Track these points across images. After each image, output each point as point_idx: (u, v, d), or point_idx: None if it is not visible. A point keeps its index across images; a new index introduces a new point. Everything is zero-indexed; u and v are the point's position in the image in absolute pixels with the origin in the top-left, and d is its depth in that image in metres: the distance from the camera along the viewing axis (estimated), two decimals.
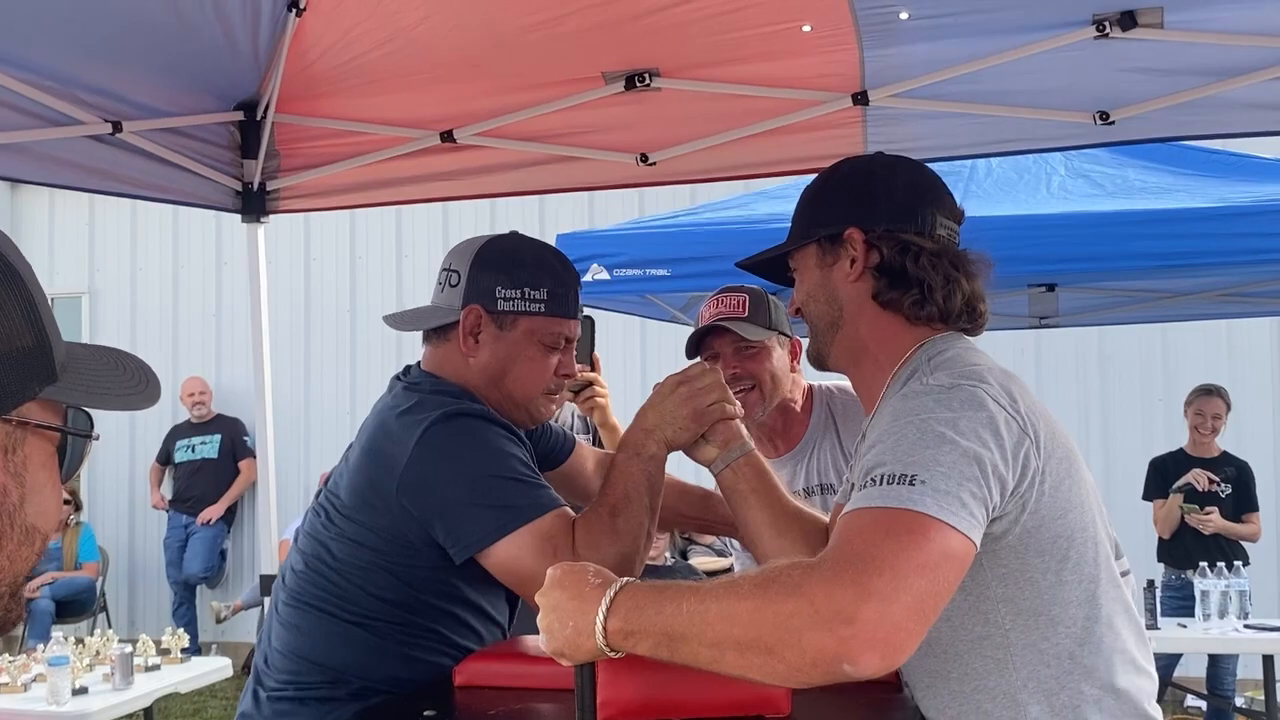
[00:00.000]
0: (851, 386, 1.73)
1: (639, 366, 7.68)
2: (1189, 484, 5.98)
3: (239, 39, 2.94)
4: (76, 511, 8.20)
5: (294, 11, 2.85)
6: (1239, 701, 6.13)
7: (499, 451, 1.80)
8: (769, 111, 3.23)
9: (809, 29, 2.86)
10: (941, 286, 1.58)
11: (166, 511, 8.64)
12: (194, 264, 9.12)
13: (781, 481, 1.84)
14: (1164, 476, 6.12)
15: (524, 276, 1.90)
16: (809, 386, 2.85)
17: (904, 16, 2.77)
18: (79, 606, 8.04)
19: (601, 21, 2.84)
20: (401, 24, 2.88)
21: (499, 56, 3.07)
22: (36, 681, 4.78)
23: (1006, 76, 2.98)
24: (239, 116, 3.39)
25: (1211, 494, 5.98)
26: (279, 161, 3.54)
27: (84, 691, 4.67)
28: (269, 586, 3.54)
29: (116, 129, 3.06)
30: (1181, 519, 5.97)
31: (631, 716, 1.50)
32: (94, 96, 3.00)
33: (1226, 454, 6.09)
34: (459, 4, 2.85)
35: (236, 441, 8.51)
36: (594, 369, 2.65)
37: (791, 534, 1.73)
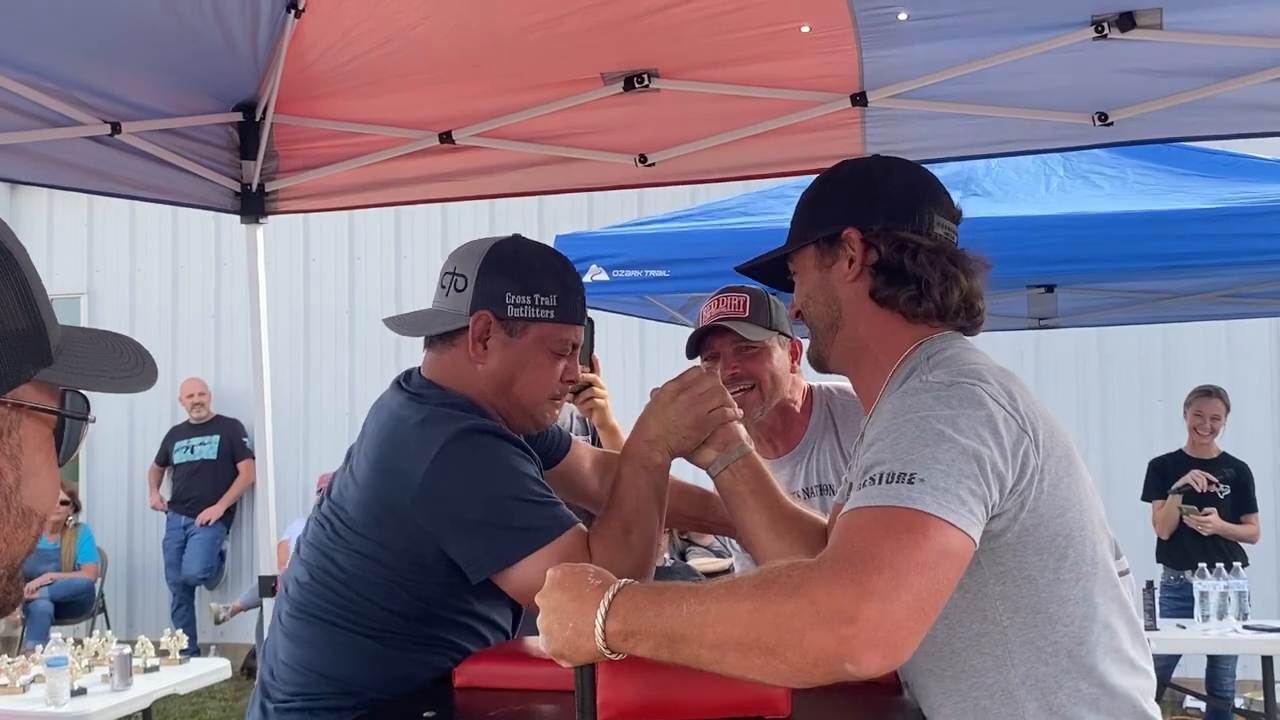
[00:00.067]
0: (852, 387, 1.73)
1: (638, 367, 7.68)
2: (1188, 485, 5.98)
3: (238, 40, 2.93)
4: (75, 513, 8.20)
5: (293, 12, 2.85)
6: (1238, 702, 6.13)
7: (514, 471, 1.79)
8: (768, 112, 3.23)
9: (808, 30, 2.86)
10: (939, 283, 1.58)
11: (165, 513, 8.63)
12: (193, 265, 9.12)
13: (780, 483, 1.84)
14: (1163, 477, 6.12)
15: (534, 282, 1.88)
16: (809, 387, 2.85)
17: (903, 17, 2.77)
18: (78, 608, 8.04)
19: (600, 22, 2.83)
20: (400, 25, 2.88)
21: (498, 57, 3.07)
22: (35, 682, 4.79)
23: (1005, 77, 2.98)
24: (238, 117, 3.39)
25: (1210, 495, 5.98)
26: (278, 162, 3.53)
27: (83, 693, 4.68)
28: (268, 588, 3.54)
29: (115, 130, 3.06)
30: (1180, 520, 5.96)
31: (631, 718, 1.50)
32: (93, 97, 3.00)
33: (1226, 455, 6.09)
34: (458, 5, 2.85)
35: (235, 442, 8.51)
36: (593, 370, 2.65)
37: (790, 535, 1.74)
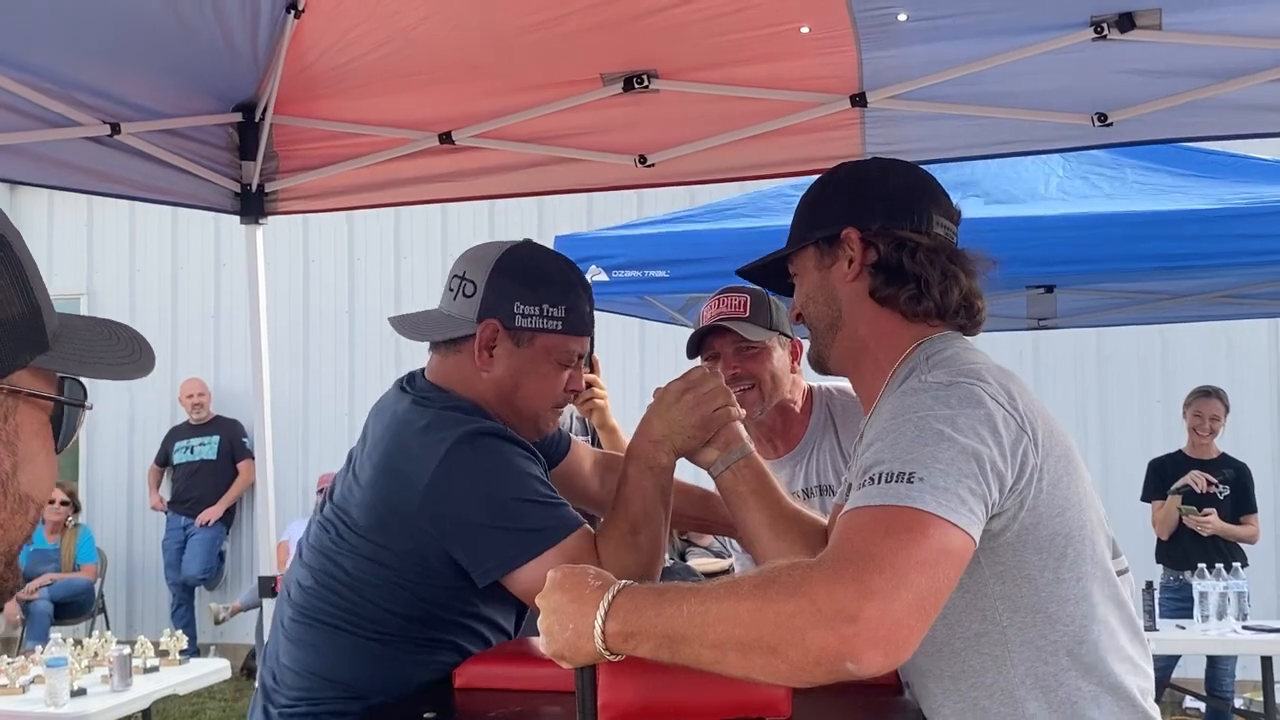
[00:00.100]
0: (852, 388, 1.73)
1: (638, 368, 7.67)
2: (1187, 486, 5.98)
3: (237, 41, 2.93)
4: (75, 513, 8.20)
5: (292, 13, 2.85)
6: (1237, 703, 6.13)
7: (520, 472, 1.79)
8: (767, 113, 3.23)
9: (807, 30, 2.86)
10: (938, 282, 1.58)
11: (165, 513, 8.63)
12: (192, 265, 9.12)
13: (780, 483, 1.85)
14: (1162, 478, 6.12)
15: (544, 292, 1.87)
16: (809, 388, 2.85)
17: (902, 18, 2.77)
18: (77, 608, 8.04)
19: (600, 23, 2.83)
20: (400, 25, 2.88)
21: (497, 58, 3.07)
22: (35, 683, 4.79)
23: (1005, 78, 2.98)
24: (237, 118, 3.39)
25: (1210, 496, 5.98)
26: (277, 163, 3.53)
27: (82, 693, 4.68)
28: (268, 588, 3.53)
29: (115, 130, 3.06)
30: (1180, 520, 5.96)
31: (632, 719, 1.50)
32: (92, 98, 3.00)
33: (1225, 455, 6.09)
34: (458, 5, 2.85)
35: (235, 443, 8.50)
36: (593, 370, 2.65)
37: (790, 536, 1.74)
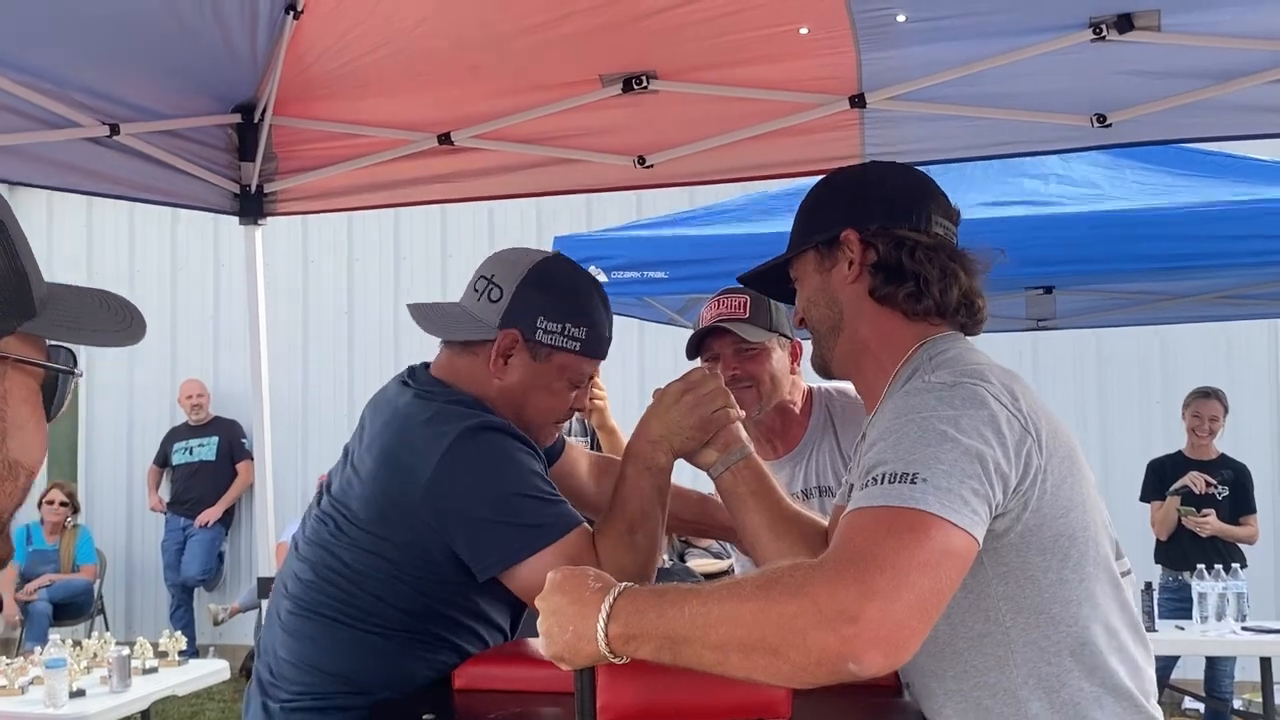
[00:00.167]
0: (854, 389, 1.73)
1: (637, 369, 7.67)
2: (1186, 487, 5.98)
3: (236, 42, 2.93)
4: (74, 514, 8.20)
5: (291, 14, 2.84)
6: (1236, 704, 6.13)
7: (522, 468, 1.79)
8: (766, 114, 3.23)
9: (806, 31, 2.86)
10: (938, 280, 1.58)
11: (164, 514, 8.63)
12: (192, 266, 9.12)
13: (780, 484, 1.85)
14: (1162, 478, 6.11)
15: (569, 311, 1.87)
16: (808, 389, 2.85)
17: (901, 19, 2.77)
18: (76, 609, 8.04)
19: (599, 24, 2.83)
20: (399, 26, 2.88)
21: (496, 59, 3.07)
22: (34, 684, 4.78)
23: (1004, 79, 2.98)
24: (236, 119, 3.39)
25: (1209, 496, 5.98)
26: (277, 164, 3.53)
27: (81, 694, 4.68)
28: (267, 589, 3.52)
29: (114, 131, 3.06)
30: (1179, 521, 5.96)
31: None
32: (92, 99, 3.00)
33: (1224, 456, 6.08)
34: (456, 6, 2.85)
35: (234, 444, 8.50)
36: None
37: (790, 537, 1.74)
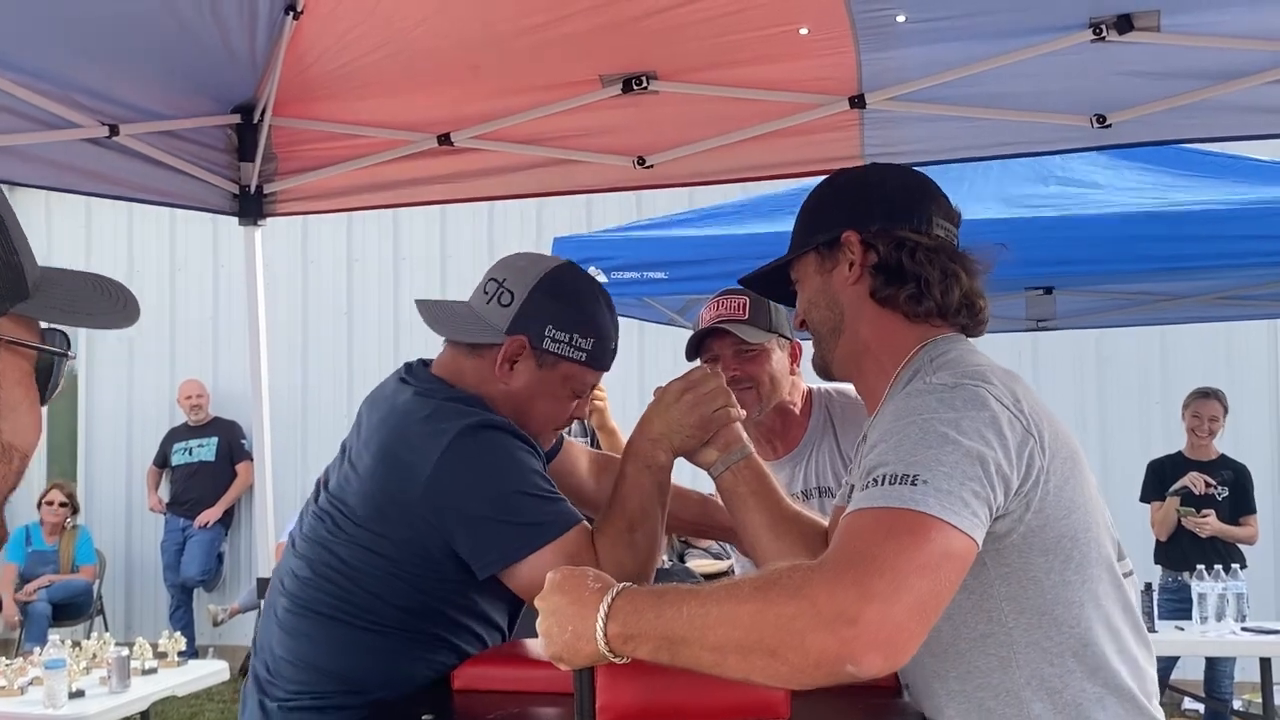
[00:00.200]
0: (853, 390, 1.73)
1: (636, 369, 7.66)
2: (1185, 487, 5.98)
3: (236, 42, 2.93)
4: (74, 514, 8.20)
5: (291, 15, 2.84)
6: (1236, 704, 6.13)
7: (522, 466, 1.79)
8: (766, 114, 3.23)
9: (806, 32, 2.86)
10: (939, 281, 1.58)
11: (164, 514, 8.63)
12: (191, 267, 9.11)
13: (780, 484, 1.85)
14: (1161, 479, 6.11)
15: (578, 322, 1.88)
16: (808, 389, 2.85)
17: (901, 20, 2.77)
18: (76, 610, 8.04)
19: (599, 24, 2.83)
20: (398, 27, 2.88)
21: (496, 59, 3.07)
22: (33, 685, 4.78)
23: (1004, 80, 2.98)
24: (236, 119, 3.39)
25: (1208, 497, 5.97)
26: (276, 164, 3.53)
27: (80, 695, 4.67)
28: (266, 590, 3.53)
29: (113, 132, 3.06)
30: (1179, 522, 5.96)
31: None
32: (91, 99, 3.00)
33: (1224, 457, 6.08)
34: (456, 6, 2.85)
35: (234, 444, 8.50)
36: None
37: (790, 537, 1.74)
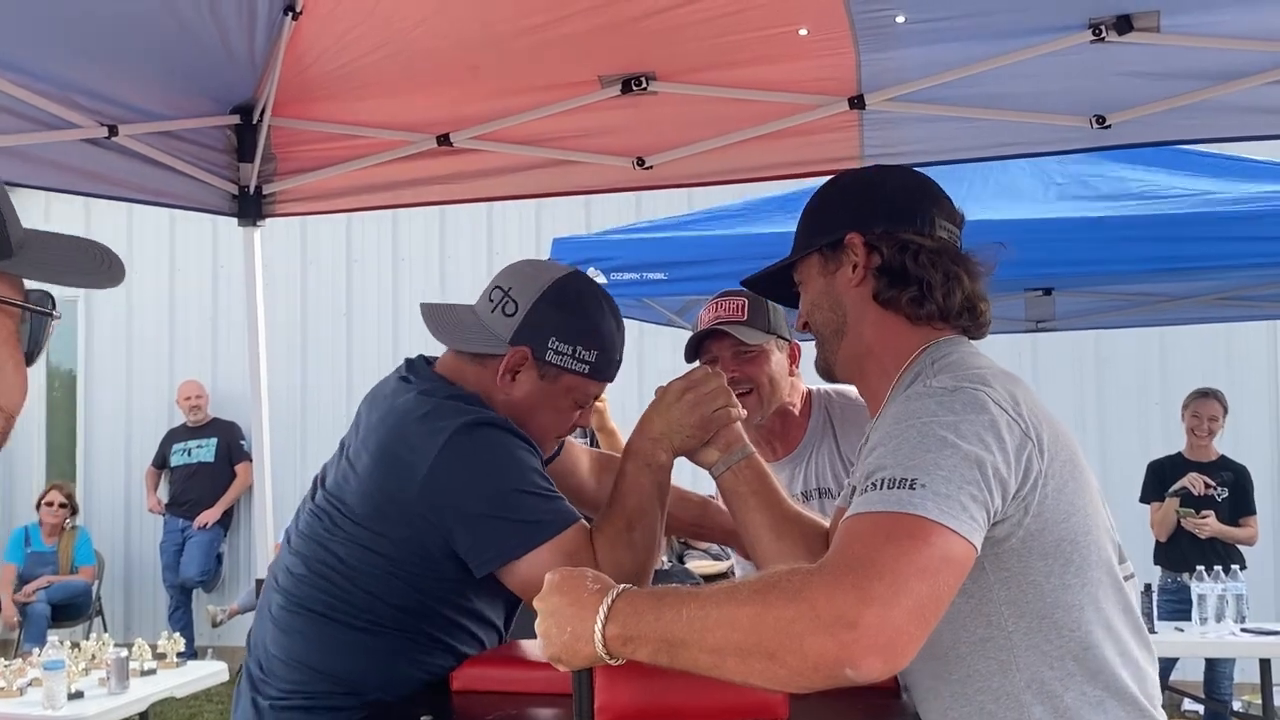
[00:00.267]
0: (853, 391, 1.73)
1: (636, 370, 7.63)
2: (1185, 488, 5.98)
3: (235, 43, 2.93)
4: (73, 515, 8.20)
5: (290, 15, 2.84)
6: (1236, 705, 6.13)
7: (520, 464, 1.78)
8: (766, 115, 3.23)
9: (805, 33, 2.86)
10: (941, 284, 1.58)
11: (163, 515, 8.62)
12: (190, 268, 9.11)
13: (780, 485, 1.85)
14: (1161, 480, 6.11)
15: (582, 334, 1.87)
16: (808, 391, 2.85)
17: (900, 20, 2.77)
18: (75, 610, 8.03)
19: (598, 25, 2.83)
20: (398, 27, 2.88)
21: (495, 60, 3.07)
22: (32, 686, 4.77)
23: (1003, 80, 2.98)
24: (235, 120, 3.39)
25: (1208, 498, 5.97)
26: (275, 165, 3.53)
27: (79, 696, 4.67)
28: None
29: (113, 133, 3.06)
30: (1178, 523, 5.96)
31: None
32: (90, 100, 3.00)
33: (1224, 458, 6.08)
34: (455, 7, 2.85)
35: (233, 445, 8.49)
36: None
37: (791, 537, 1.74)
